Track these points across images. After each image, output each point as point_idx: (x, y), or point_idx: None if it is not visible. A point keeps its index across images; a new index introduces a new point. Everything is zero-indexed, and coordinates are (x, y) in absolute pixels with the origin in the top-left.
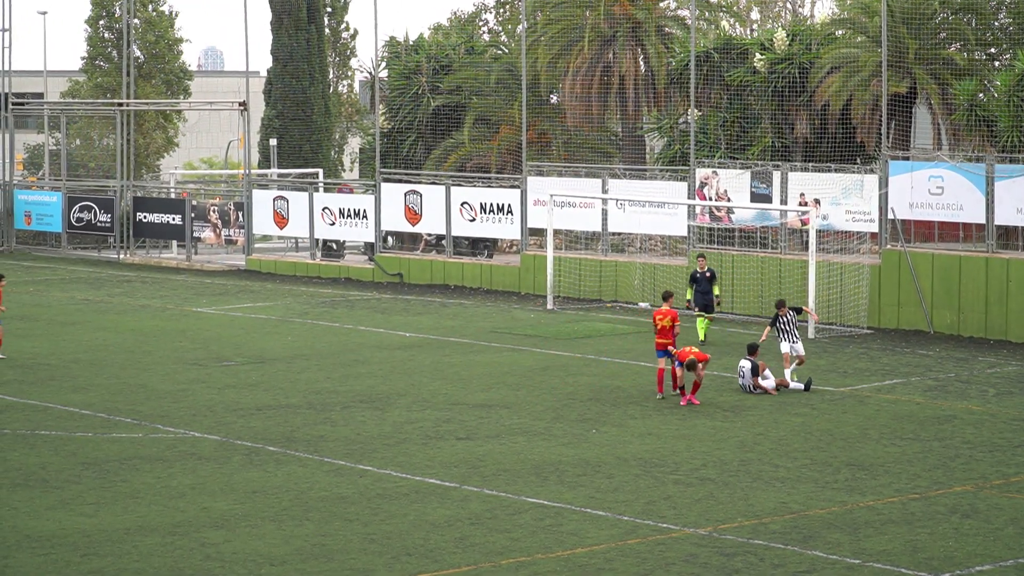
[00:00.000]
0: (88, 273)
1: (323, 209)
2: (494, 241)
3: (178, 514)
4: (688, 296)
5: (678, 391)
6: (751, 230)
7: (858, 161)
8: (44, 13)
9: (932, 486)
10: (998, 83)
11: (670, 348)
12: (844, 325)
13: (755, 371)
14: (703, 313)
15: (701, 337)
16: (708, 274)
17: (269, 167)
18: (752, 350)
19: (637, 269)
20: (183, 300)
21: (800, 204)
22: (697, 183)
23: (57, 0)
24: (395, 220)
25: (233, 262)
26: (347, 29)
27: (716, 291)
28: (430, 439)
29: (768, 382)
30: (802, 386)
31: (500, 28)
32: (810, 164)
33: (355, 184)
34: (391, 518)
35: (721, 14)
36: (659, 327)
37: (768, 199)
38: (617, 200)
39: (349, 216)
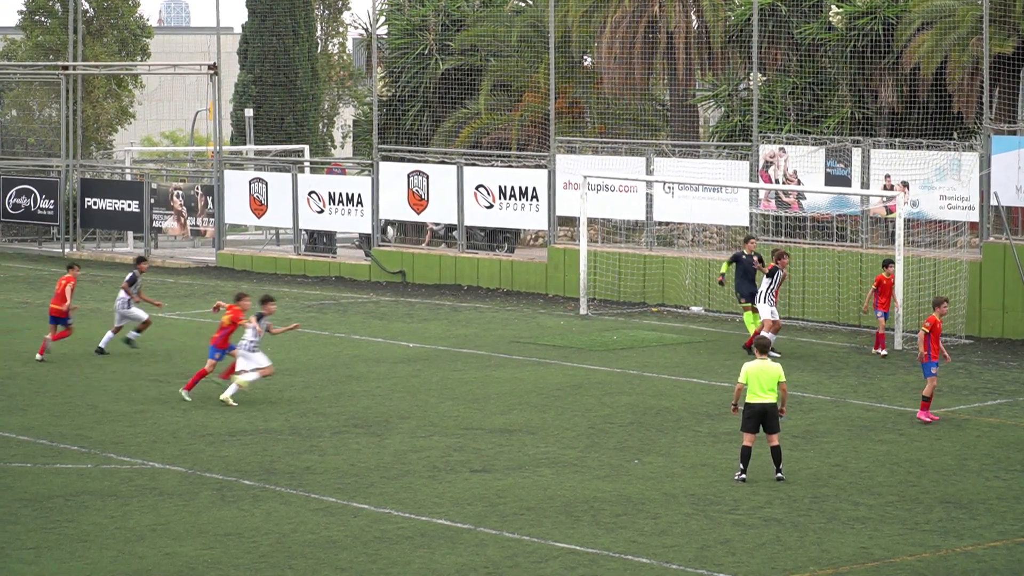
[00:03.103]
0: (27, 271)
1: (309, 194)
2: (516, 232)
3: (136, 561)
4: (723, 270)
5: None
6: (826, 219)
7: (955, 136)
8: None
9: None
10: None
11: None
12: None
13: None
14: (751, 304)
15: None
16: (756, 258)
17: (244, 143)
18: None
19: (688, 266)
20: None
21: (885, 188)
22: (761, 162)
23: None
24: (396, 207)
25: (201, 257)
26: None
27: (724, 268)
28: (438, 471)
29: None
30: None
31: None
32: (897, 140)
33: (348, 164)
34: (391, 566)
35: None
36: None
37: (846, 182)
38: (665, 183)
39: (341, 202)
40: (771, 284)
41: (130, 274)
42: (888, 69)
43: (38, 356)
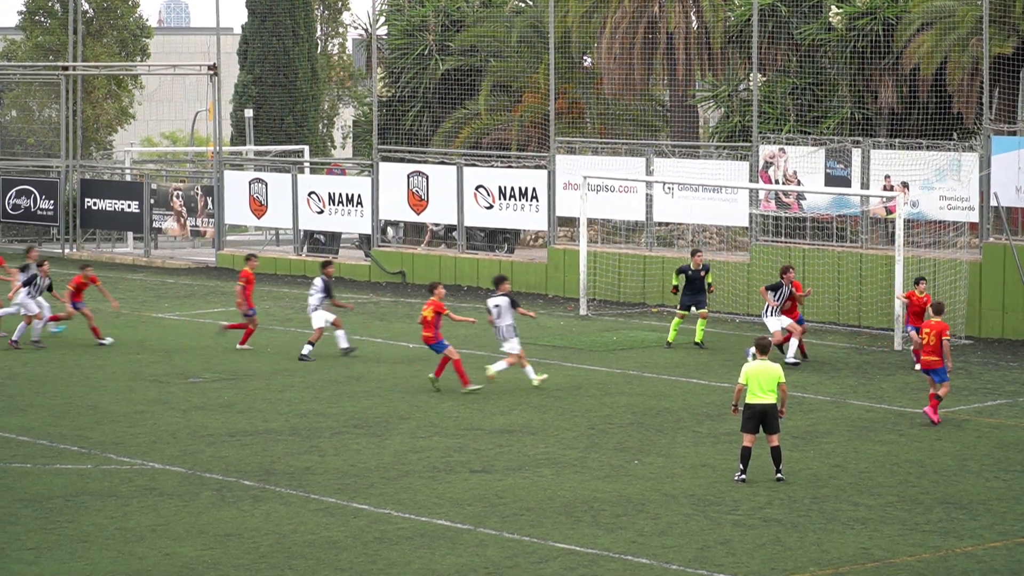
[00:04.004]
0: None
1: (309, 194)
2: (516, 233)
3: (136, 561)
4: (675, 281)
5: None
6: (826, 219)
7: (955, 137)
8: None
9: None
10: None
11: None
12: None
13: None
14: (686, 312)
15: (671, 339)
16: (703, 271)
17: (244, 143)
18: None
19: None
20: (141, 304)
21: (885, 188)
22: (761, 163)
23: None
24: (396, 207)
25: (201, 258)
26: None
27: (709, 279)
28: (438, 472)
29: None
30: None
31: None
32: (896, 140)
33: (348, 164)
34: (391, 567)
35: None
36: None
37: (846, 182)
38: (664, 183)
39: (341, 203)
40: (777, 299)
41: (320, 280)
42: (888, 69)
43: (238, 345)
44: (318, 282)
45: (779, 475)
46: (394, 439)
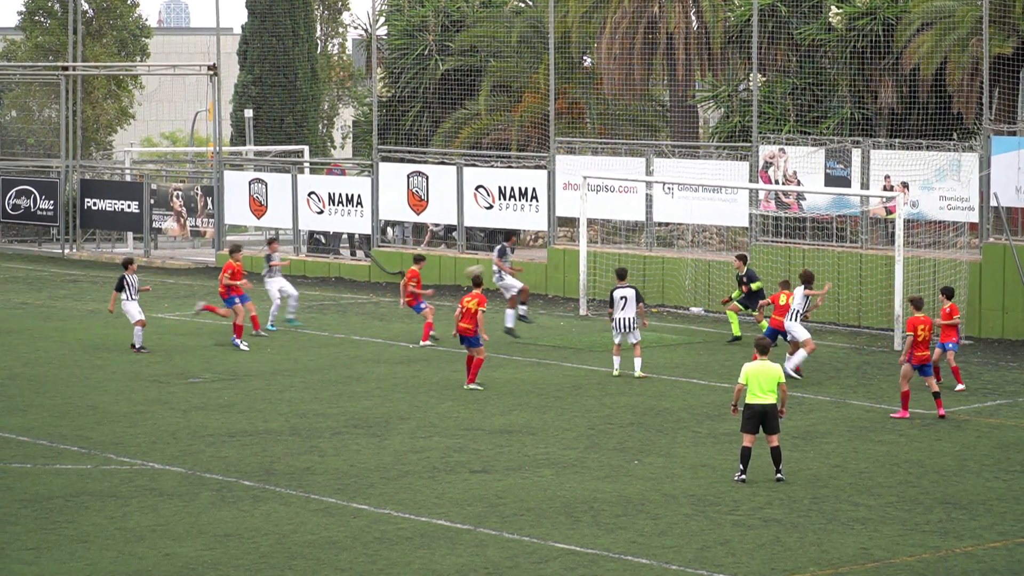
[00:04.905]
0: (26, 271)
1: (309, 194)
2: (516, 233)
3: (135, 561)
4: (735, 295)
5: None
6: (826, 220)
7: (955, 137)
8: None
9: None
10: None
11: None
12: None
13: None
14: (743, 308)
15: (736, 332)
16: (746, 278)
17: (244, 144)
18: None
19: (688, 267)
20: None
21: (885, 188)
22: (761, 163)
23: None
24: (396, 208)
25: (201, 258)
26: None
27: (755, 286)
28: (438, 472)
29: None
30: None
31: None
32: (896, 140)
33: (348, 164)
34: (391, 567)
35: None
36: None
37: (846, 183)
38: (664, 184)
39: (341, 203)
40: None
41: (499, 247)
42: (888, 69)
43: (423, 343)
44: (497, 248)
45: (779, 475)
46: (394, 439)
